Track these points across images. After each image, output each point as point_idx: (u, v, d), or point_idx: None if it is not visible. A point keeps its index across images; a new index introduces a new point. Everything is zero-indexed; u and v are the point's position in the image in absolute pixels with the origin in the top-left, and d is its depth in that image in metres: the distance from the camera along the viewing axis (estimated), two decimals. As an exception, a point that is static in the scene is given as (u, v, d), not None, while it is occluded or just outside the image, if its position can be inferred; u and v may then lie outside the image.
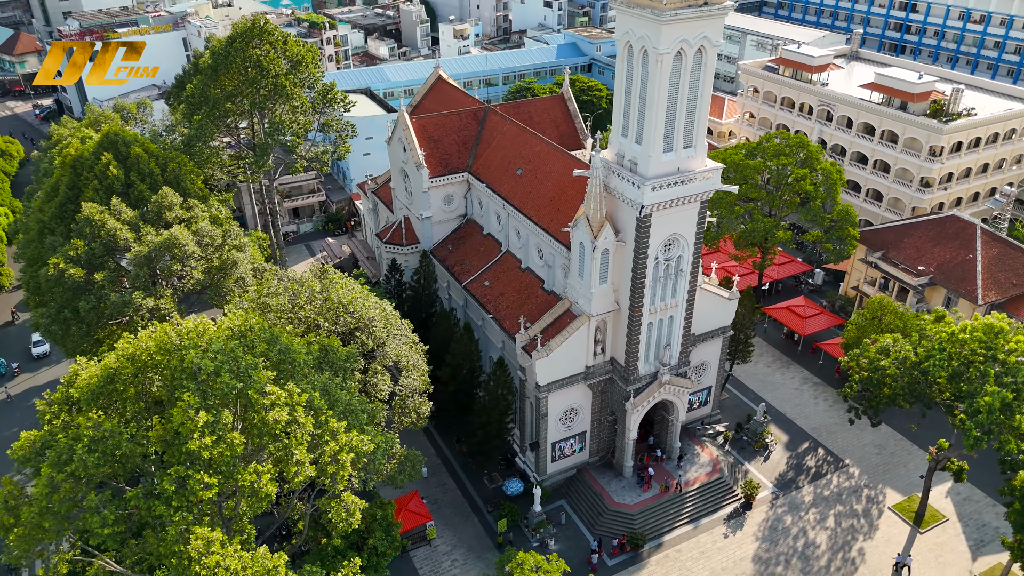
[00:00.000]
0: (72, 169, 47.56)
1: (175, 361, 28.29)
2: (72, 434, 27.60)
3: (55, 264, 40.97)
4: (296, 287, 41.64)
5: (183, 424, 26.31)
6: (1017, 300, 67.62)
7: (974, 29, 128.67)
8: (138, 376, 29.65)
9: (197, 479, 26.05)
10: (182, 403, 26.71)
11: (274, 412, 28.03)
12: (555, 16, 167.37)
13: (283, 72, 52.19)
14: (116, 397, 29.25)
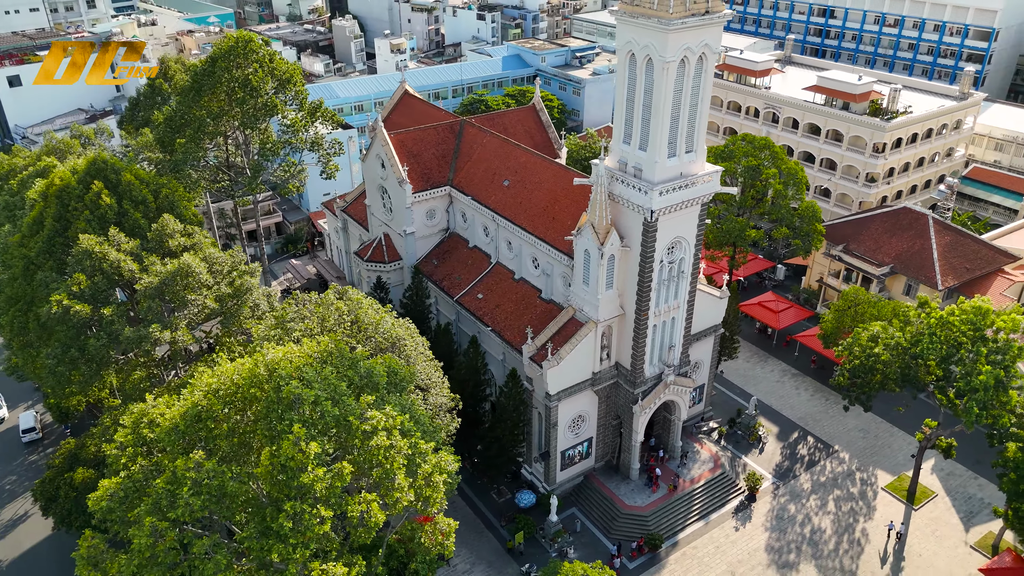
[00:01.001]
0: (58, 200, 44.66)
1: (271, 393, 26.88)
2: (167, 477, 25.79)
3: (58, 301, 38.36)
4: (322, 310, 40.37)
5: (293, 458, 25.02)
6: (971, 284, 72.03)
7: (889, 32, 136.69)
8: (228, 411, 28.05)
9: (314, 513, 24.83)
10: (290, 436, 25.41)
11: (376, 437, 27.00)
12: (488, 29, 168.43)
13: (271, 91, 50.58)
14: (206, 435, 27.56)
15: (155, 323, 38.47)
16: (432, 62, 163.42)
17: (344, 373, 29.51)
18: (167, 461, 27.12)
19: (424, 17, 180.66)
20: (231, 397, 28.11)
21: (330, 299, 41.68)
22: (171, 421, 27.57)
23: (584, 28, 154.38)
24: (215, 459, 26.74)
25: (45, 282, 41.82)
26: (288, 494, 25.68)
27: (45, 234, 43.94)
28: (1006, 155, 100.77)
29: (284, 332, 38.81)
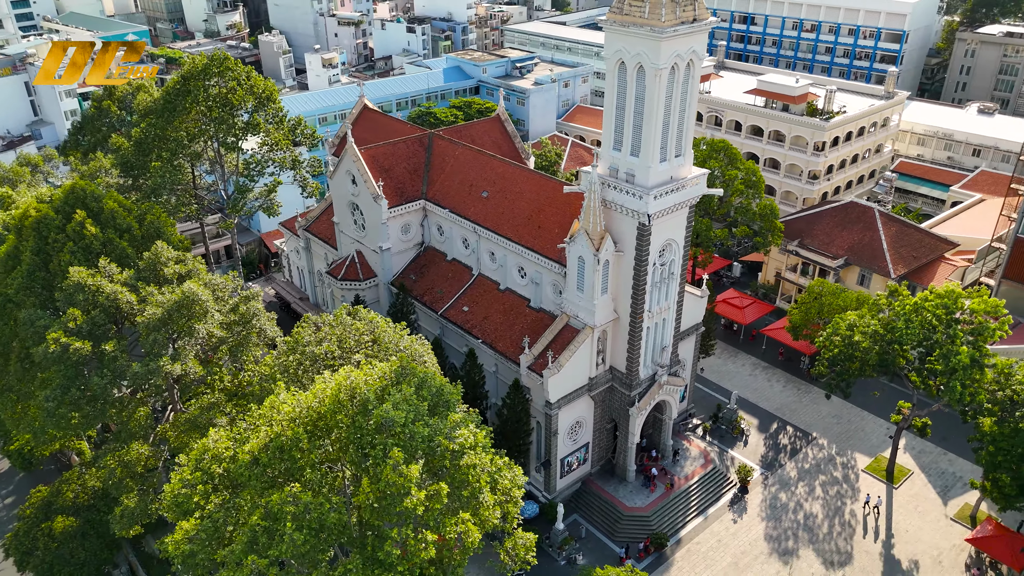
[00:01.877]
0: (36, 232, 41.62)
1: (358, 418, 25.67)
2: (262, 513, 24.22)
3: (55, 339, 35.77)
4: (339, 330, 39.12)
5: (394, 483, 23.97)
6: (919, 271, 76.36)
7: (808, 37, 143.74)
8: (313, 440, 26.62)
9: (419, 538, 23.86)
10: (388, 460, 24.32)
11: (467, 456, 26.25)
12: (419, 41, 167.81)
13: (251, 109, 48.80)
14: (291, 465, 26.04)
15: (164, 356, 36.45)
16: (364, 76, 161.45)
17: (419, 393, 28.71)
18: (249, 496, 25.63)
19: (351, 31, 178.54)
20: (312, 425, 26.87)
21: (346, 319, 40.50)
22: (249, 454, 26.09)
23: (516, 39, 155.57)
24: (309, 491, 25.47)
25: (31, 320, 38.99)
26: (390, 520, 24.74)
27: (24, 269, 40.94)
28: (928, 149, 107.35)
29: (302, 357, 37.46)
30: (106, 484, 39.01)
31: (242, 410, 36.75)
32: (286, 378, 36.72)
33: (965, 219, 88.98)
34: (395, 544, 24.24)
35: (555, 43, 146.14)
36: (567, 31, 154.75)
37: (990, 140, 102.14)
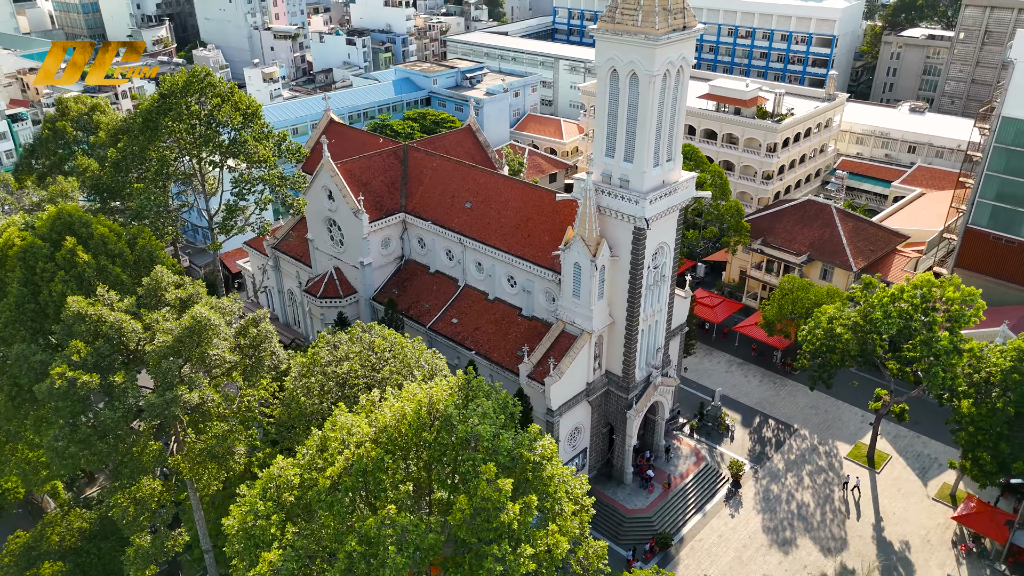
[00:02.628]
0: (22, 263, 39.02)
1: (443, 435, 24.83)
2: (354, 539, 23.07)
3: (60, 373, 33.62)
4: (358, 349, 38.10)
5: (489, 498, 23.29)
6: (877, 264, 79.78)
7: (743, 43, 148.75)
8: (396, 460, 25.55)
9: (519, 553, 23.26)
10: (482, 476, 23.62)
11: (548, 467, 25.80)
12: (360, 54, 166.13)
13: (238, 125, 47.16)
14: (375, 487, 24.92)
15: (181, 385, 34.78)
16: (304, 90, 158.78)
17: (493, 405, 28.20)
18: (332, 523, 24.50)
19: (288, 44, 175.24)
20: (393, 445, 25.98)
21: (365, 337, 39.54)
22: (329, 479, 24.98)
23: (460, 49, 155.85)
24: (404, 512, 24.53)
25: (24, 356, 36.60)
26: (487, 537, 24.13)
27: (11, 302, 38.39)
28: (866, 147, 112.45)
29: (324, 378, 36.36)
30: (119, 523, 36.89)
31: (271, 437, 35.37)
32: (312, 400, 35.58)
33: (909, 213, 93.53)
34: (495, 560, 23.74)
35: (499, 53, 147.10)
36: (510, 41, 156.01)
37: (924, 137, 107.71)
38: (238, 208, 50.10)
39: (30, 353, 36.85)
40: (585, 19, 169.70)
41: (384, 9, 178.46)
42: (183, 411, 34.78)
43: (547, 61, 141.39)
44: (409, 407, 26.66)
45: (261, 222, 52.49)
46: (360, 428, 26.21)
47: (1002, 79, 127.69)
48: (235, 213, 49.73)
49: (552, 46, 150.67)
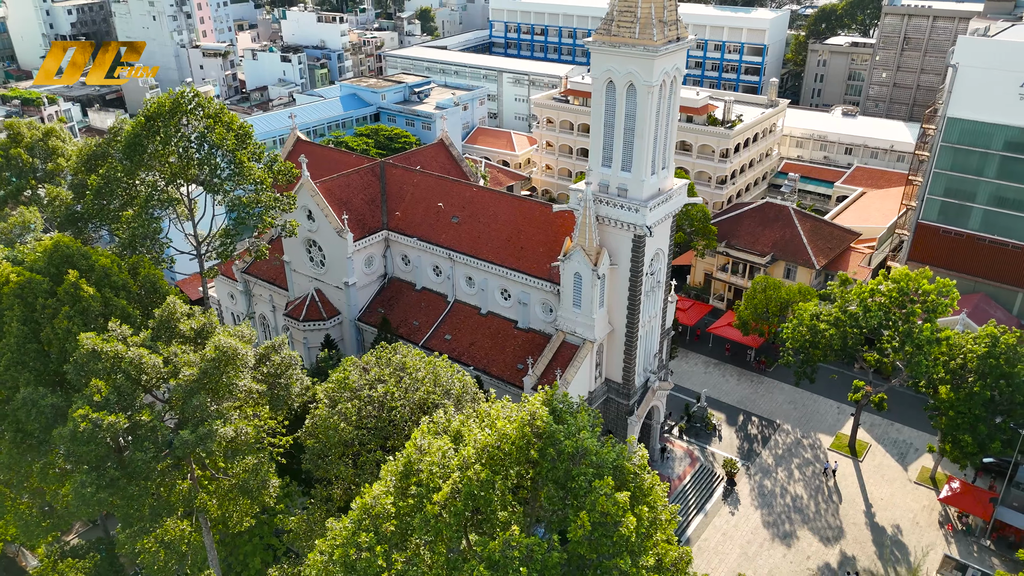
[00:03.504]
0: (20, 300, 36.18)
1: (550, 451, 24.02)
2: (478, 565, 22.09)
3: (84, 416, 31.33)
4: (389, 370, 37.08)
5: (608, 512, 22.77)
6: (835, 261, 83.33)
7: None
8: (506, 480, 24.58)
9: (641, 565, 22.80)
10: (600, 491, 23.05)
11: (648, 477, 25.46)
12: (296, 71, 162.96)
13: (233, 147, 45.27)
14: (485, 508, 23.88)
15: (215, 419, 33.07)
16: (240, 108, 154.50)
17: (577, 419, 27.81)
18: (442, 549, 23.56)
19: (219, 62, 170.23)
20: (498, 465, 25.19)
21: (397, 359, 38.57)
22: (437, 505, 23.96)
23: (400, 64, 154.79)
24: (523, 533, 23.80)
25: (32, 401, 34.08)
26: (607, 551, 23.70)
27: (12, 343, 35.66)
28: (806, 150, 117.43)
29: (362, 402, 35.27)
30: (148, 570, 34.68)
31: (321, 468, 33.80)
32: (350, 425, 34.43)
33: (855, 211, 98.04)
34: (620, 574, 23.40)
35: (441, 67, 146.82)
36: (451, 55, 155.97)
37: (859, 139, 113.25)
38: (237, 233, 48.23)
39: (38, 397, 34.38)
40: (522, 32, 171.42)
41: (318, 25, 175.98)
42: (219, 447, 33.13)
43: (490, 74, 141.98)
44: (509, 426, 26.12)
45: (257, 246, 50.62)
46: (465, 450, 25.49)
47: (922, 82, 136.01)
48: (233, 237, 47.85)
49: (495, 59, 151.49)
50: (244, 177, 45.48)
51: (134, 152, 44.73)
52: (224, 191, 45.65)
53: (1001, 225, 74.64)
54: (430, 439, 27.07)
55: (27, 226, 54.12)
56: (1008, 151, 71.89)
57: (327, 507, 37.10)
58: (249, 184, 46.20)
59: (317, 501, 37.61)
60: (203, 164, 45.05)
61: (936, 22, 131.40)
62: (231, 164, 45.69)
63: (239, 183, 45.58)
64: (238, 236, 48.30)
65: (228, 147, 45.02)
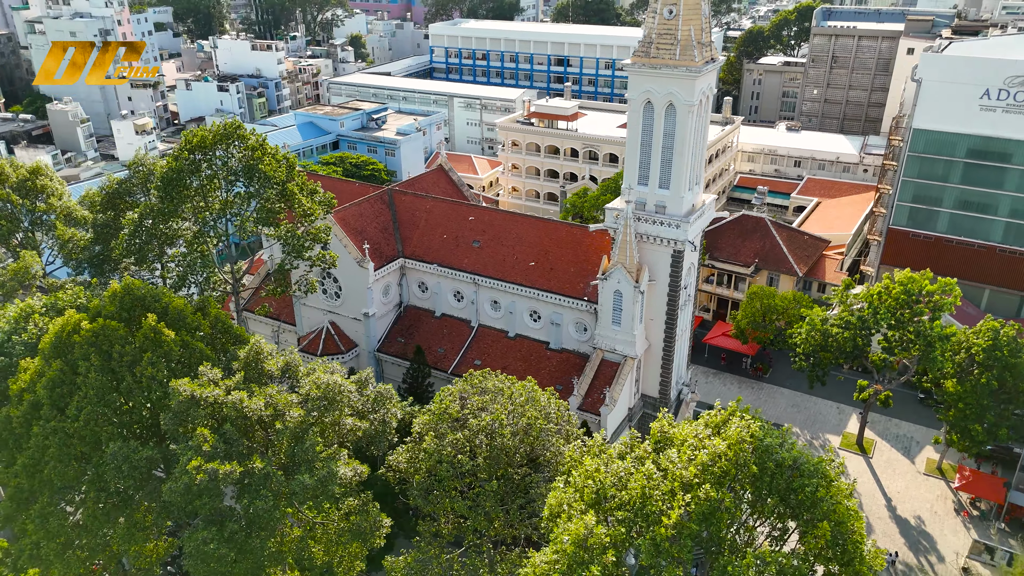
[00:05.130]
0: (95, 348, 33.20)
1: (769, 465, 23.72)
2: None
3: (198, 467, 29.01)
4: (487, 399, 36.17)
5: (845, 520, 22.61)
6: (813, 267, 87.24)
7: (621, 75, 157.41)
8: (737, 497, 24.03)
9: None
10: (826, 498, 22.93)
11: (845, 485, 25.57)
12: (234, 100, 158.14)
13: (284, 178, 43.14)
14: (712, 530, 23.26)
15: (333, 461, 31.44)
16: (176, 140, 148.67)
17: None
18: (679, 572, 22.95)
19: (149, 94, 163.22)
20: (718, 482, 24.77)
21: (490, 384, 37.72)
22: (669, 529, 23.27)
23: (344, 91, 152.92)
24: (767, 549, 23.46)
25: (124, 455, 31.50)
26: (845, 561, 23.60)
27: (92, 395, 32.77)
28: (757, 164, 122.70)
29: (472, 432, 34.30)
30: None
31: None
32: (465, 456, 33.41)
33: (816, 220, 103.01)
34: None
35: (389, 93, 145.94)
36: (397, 81, 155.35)
37: (807, 152, 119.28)
38: (293, 266, 46.15)
39: (129, 451, 31.85)
40: (463, 57, 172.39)
41: (252, 53, 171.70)
42: (341, 489, 31.57)
43: (440, 99, 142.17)
44: (722, 444, 25.96)
45: (307, 282, 48.48)
46: (687, 470, 25.11)
47: (851, 98, 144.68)
48: (287, 272, 45.76)
49: (445, 84, 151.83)
50: (294, 209, 43.76)
51: (174, 188, 42.35)
52: (276, 224, 43.79)
53: (966, 227, 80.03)
54: (617, 463, 26.67)
55: (29, 272, 50.19)
56: (971, 158, 77.36)
57: (437, 543, 35.80)
58: (300, 217, 44.50)
59: (426, 538, 36.17)
60: (253, 197, 43.11)
61: (861, 41, 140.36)
62: (282, 196, 43.91)
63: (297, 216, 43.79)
64: (294, 269, 46.35)
65: (279, 178, 43.28)
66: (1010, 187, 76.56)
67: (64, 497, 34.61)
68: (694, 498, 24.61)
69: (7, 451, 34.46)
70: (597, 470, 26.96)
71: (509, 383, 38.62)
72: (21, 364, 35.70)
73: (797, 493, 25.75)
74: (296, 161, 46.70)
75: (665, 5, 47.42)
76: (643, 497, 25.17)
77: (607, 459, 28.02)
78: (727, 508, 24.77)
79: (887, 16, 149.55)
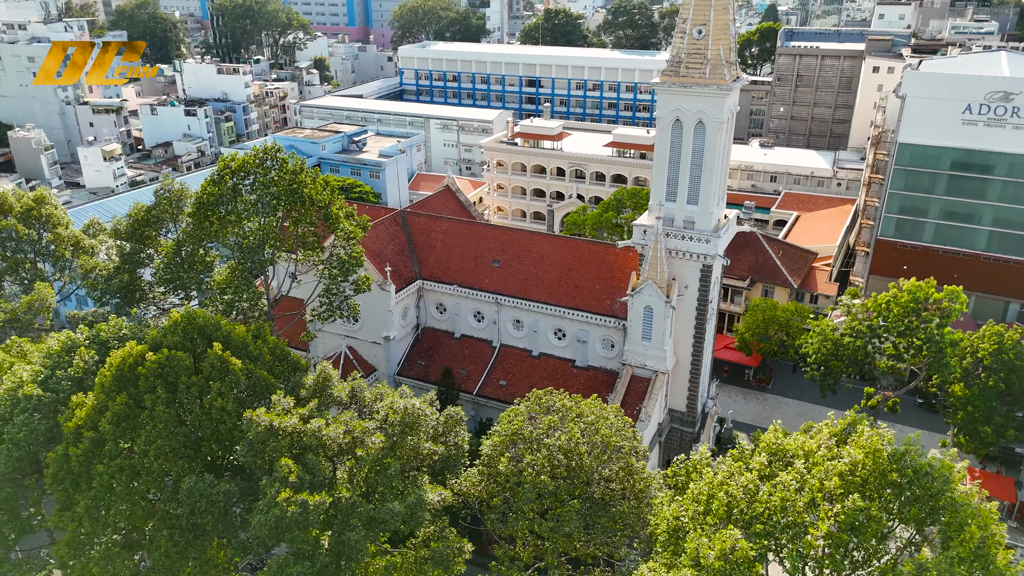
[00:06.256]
0: (161, 381, 31.67)
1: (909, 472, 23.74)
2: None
3: (288, 499, 27.90)
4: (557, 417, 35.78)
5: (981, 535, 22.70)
6: (806, 279, 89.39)
7: (592, 95, 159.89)
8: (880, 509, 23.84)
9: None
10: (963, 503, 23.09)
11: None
12: (202, 124, 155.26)
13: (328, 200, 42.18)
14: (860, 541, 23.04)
15: (422, 486, 30.68)
16: (145, 167, 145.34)
17: None
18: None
19: (111, 119, 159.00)
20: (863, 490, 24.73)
21: (558, 404, 37.39)
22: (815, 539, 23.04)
23: (315, 114, 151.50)
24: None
25: (200, 490, 30.19)
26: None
27: (161, 429, 31.27)
28: (735, 179, 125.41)
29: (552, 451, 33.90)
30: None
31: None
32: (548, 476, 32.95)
33: (797, 233, 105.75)
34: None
35: (363, 116, 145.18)
36: (369, 103, 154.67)
37: (782, 168, 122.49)
38: (340, 292, 45.16)
39: (205, 485, 30.60)
40: (434, 79, 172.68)
41: (218, 77, 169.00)
42: (431, 515, 30.87)
43: (416, 121, 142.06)
44: (859, 452, 26.09)
45: (350, 306, 47.47)
46: (830, 481, 25.15)
47: (816, 115, 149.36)
48: (334, 297, 44.77)
49: (421, 106, 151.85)
50: (336, 232, 43.00)
51: (213, 213, 41.16)
52: (320, 248, 42.92)
53: (951, 236, 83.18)
54: (746, 475, 26.67)
55: (45, 304, 48.07)
56: (954, 170, 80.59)
57: (516, 566, 35.16)
58: (343, 239, 43.73)
59: (504, 562, 35.46)
60: (299, 222, 42.15)
61: (824, 61, 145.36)
62: (326, 219, 43.09)
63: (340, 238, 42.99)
64: (340, 294, 45.42)
65: (324, 201, 42.50)
66: (992, 197, 79.94)
67: (127, 538, 33.00)
68: (843, 508, 24.77)
69: (63, 492, 32.76)
70: (725, 483, 26.94)
71: (574, 401, 38.46)
72: (73, 400, 34.06)
73: (938, 498, 26.11)
74: (335, 184, 45.95)
75: (694, 25, 48.47)
76: (782, 509, 25.26)
77: (736, 470, 28.04)
78: (875, 517, 24.99)
79: (847, 36, 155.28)
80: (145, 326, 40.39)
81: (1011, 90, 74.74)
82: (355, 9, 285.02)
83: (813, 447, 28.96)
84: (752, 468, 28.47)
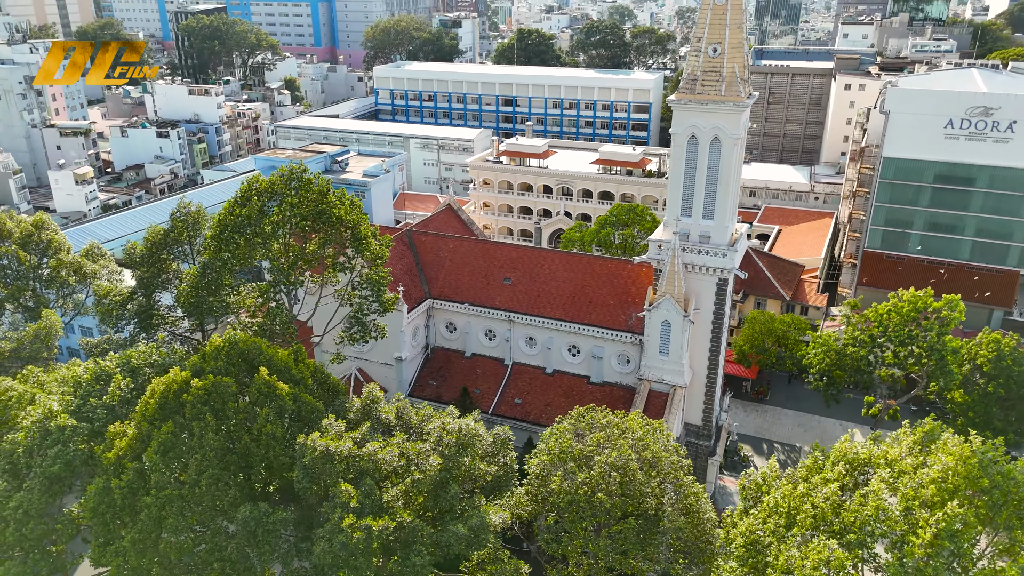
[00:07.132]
0: (209, 408, 30.58)
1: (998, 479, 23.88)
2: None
3: (353, 525, 27.07)
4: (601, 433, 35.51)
5: None
6: (796, 291, 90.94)
7: (569, 113, 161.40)
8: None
9: None
10: None
11: None
12: (175, 146, 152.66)
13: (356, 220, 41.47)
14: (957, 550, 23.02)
15: (483, 507, 30.15)
16: (117, 190, 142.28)
17: None
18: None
19: (80, 141, 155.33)
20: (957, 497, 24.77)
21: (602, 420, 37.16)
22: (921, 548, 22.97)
23: (292, 134, 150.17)
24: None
25: (256, 519, 29.24)
26: None
27: (212, 457, 30.17)
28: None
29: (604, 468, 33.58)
30: None
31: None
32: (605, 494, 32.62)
33: (781, 246, 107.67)
34: None
35: (340, 136, 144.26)
36: (346, 123, 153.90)
37: (761, 183, 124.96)
38: (368, 313, 44.35)
39: (261, 514, 29.68)
40: (409, 99, 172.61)
41: (189, 98, 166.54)
42: (494, 537, 30.36)
43: (396, 140, 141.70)
44: (950, 460, 26.28)
45: (377, 327, 46.67)
46: (925, 489, 25.23)
47: (787, 131, 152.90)
48: (362, 319, 43.97)
49: (401, 126, 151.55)
50: (362, 253, 42.43)
51: (239, 235, 40.27)
52: (349, 269, 42.28)
53: (936, 247, 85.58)
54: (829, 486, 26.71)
55: (52, 332, 46.40)
56: (938, 183, 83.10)
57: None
58: (371, 259, 43.14)
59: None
60: (326, 243, 41.47)
61: (795, 79, 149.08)
62: (355, 240, 42.49)
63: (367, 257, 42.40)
64: (368, 315, 44.67)
65: (352, 222, 41.92)
66: (975, 208, 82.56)
67: (173, 571, 31.75)
68: (944, 515, 24.95)
69: (103, 526, 31.43)
70: (808, 494, 27.01)
71: (619, 417, 38.33)
72: (110, 429, 32.81)
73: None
74: (356, 200, 45.44)
75: (710, 44, 49.31)
76: (875, 519, 25.39)
77: (819, 482, 28.13)
78: (971, 523, 25.22)
79: (815, 55, 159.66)
80: (173, 352, 39.25)
81: (991, 105, 77.51)
82: (321, 30, 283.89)
83: (895, 456, 29.29)
84: (831, 480, 28.63)
